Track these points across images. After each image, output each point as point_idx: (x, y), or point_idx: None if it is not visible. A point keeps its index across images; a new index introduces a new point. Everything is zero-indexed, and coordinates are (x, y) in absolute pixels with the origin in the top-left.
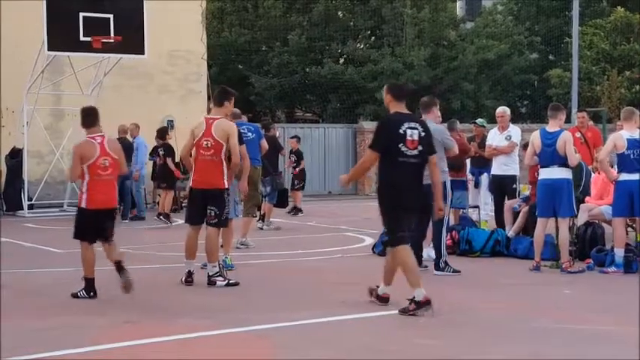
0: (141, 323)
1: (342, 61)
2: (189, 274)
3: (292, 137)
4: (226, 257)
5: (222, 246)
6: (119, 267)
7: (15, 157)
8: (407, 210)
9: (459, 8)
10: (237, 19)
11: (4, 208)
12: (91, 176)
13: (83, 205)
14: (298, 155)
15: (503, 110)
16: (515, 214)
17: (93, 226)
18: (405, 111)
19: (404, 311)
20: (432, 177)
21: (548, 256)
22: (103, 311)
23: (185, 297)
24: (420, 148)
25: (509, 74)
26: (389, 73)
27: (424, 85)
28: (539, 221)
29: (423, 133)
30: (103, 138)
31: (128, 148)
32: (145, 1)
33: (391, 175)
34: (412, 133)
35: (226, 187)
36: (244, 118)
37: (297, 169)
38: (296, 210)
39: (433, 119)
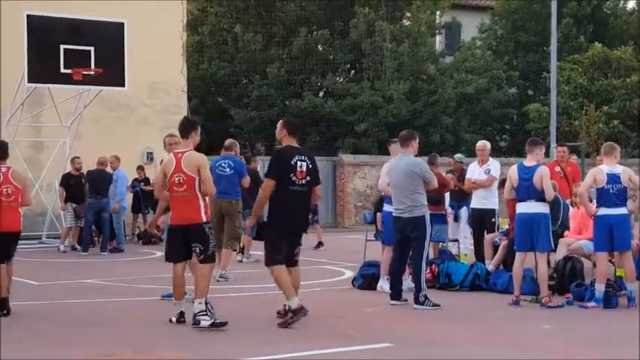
0: (118, 356)
1: (321, 94)
2: (182, 314)
3: None
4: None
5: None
6: (4, 304)
7: None
8: (293, 234)
9: (438, 43)
10: (216, 52)
11: None
12: None
13: None
14: None
15: (483, 144)
16: (496, 248)
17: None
18: (296, 145)
19: (284, 323)
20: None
21: (527, 291)
22: (78, 343)
23: (163, 330)
24: (307, 178)
25: (488, 108)
26: (368, 107)
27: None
28: (518, 255)
29: (310, 165)
30: (8, 169)
31: (106, 180)
32: (125, 34)
33: (283, 201)
34: (301, 164)
35: (205, 220)
36: (237, 149)
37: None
38: (319, 244)
39: (412, 153)
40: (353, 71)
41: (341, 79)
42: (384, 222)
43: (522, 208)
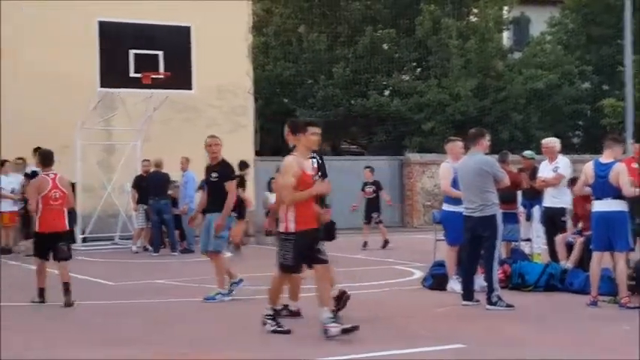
0: (189, 356)
1: (387, 93)
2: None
3: (366, 168)
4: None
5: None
6: (66, 289)
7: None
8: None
9: (507, 38)
10: (281, 52)
11: None
12: (44, 205)
13: (36, 229)
14: (378, 185)
15: (547, 142)
16: (570, 247)
17: (46, 246)
18: None
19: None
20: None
21: (605, 291)
22: (150, 343)
23: (233, 330)
24: (319, 174)
25: (560, 104)
26: (435, 105)
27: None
28: (595, 255)
29: (320, 161)
30: (55, 175)
31: (163, 181)
32: (192, 37)
33: None
34: (313, 161)
35: (283, 230)
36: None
37: (391, 201)
38: (386, 242)
39: (482, 151)
40: (419, 69)
41: (407, 78)
42: (445, 222)
43: (599, 206)
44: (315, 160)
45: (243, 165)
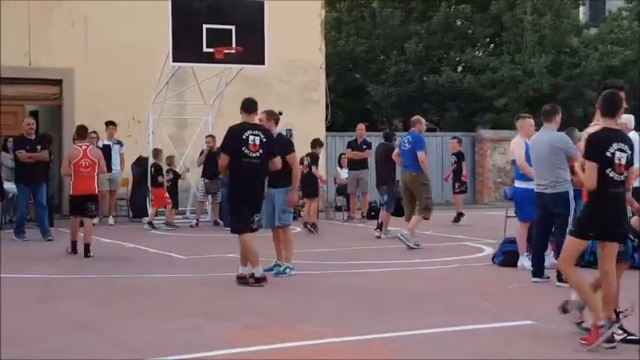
0: (264, 327)
1: (459, 69)
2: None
3: (453, 138)
4: (281, 263)
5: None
6: (86, 249)
7: (141, 165)
8: (248, 202)
9: (582, 14)
10: (354, 28)
11: (131, 215)
12: (75, 172)
13: (70, 193)
14: (459, 157)
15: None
16: None
17: (78, 206)
18: (252, 121)
19: (243, 281)
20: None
21: None
22: (222, 314)
23: (304, 303)
24: (260, 151)
25: (636, 81)
26: (508, 81)
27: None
28: None
29: (264, 139)
30: (87, 146)
31: None
32: (265, 12)
33: (237, 173)
34: (254, 138)
35: None
36: (420, 126)
37: (464, 174)
38: (458, 215)
39: (555, 127)
40: (492, 45)
41: (480, 54)
42: (517, 198)
43: None
44: (257, 137)
45: (317, 143)
